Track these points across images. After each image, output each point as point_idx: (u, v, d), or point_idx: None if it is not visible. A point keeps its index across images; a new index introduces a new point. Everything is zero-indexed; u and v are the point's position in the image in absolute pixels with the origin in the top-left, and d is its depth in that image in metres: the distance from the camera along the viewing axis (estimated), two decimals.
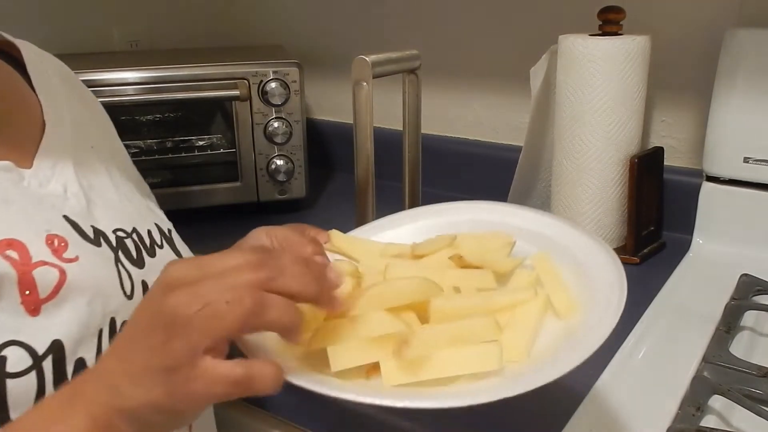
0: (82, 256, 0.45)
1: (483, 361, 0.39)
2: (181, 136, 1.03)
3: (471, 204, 0.61)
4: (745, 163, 0.83)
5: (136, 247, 0.52)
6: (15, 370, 0.38)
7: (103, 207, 0.51)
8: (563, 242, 0.52)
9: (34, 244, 0.42)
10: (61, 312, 0.41)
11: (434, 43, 1.12)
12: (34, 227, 0.44)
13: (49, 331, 0.40)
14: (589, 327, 0.42)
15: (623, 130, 0.85)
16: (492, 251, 0.52)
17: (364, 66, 0.59)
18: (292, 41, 1.28)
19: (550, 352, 0.42)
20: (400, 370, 0.39)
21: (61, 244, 0.44)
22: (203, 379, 0.34)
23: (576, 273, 0.48)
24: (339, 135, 1.25)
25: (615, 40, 0.82)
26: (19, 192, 0.45)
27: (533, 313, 0.45)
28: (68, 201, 0.48)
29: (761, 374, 0.58)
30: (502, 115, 1.11)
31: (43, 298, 0.41)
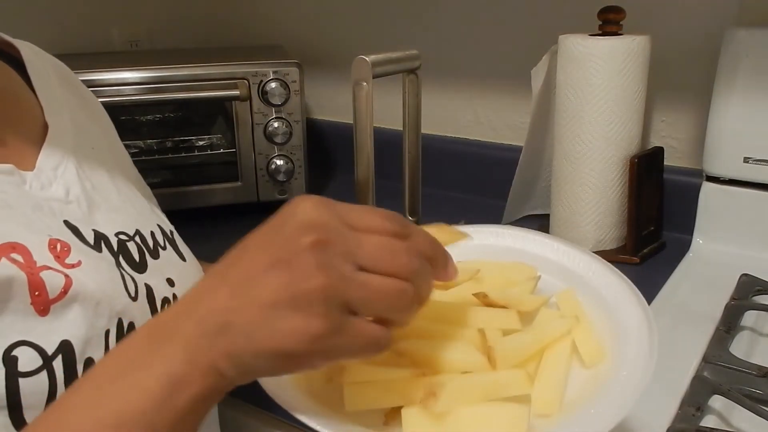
0: (85, 261, 0.44)
1: (510, 423, 0.37)
2: (181, 136, 1.03)
3: (491, 228, 0.57)
4: (745, 163, 0.83)
5: (138, 250, 0.51)
6: (26, 369, 0.38)
7: (106, 209, 0.51)
8: (586, 276, 0.50)
9: (37, 248, 0.42)
10: (69, 313, 0.41)
11: (434, 43, 1.12)
12: (37, 232, 0.43)
13: (58, 332, 0.40)
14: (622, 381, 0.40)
15: (623, 130, 0.85)
16: (516, 285, 0.50)
17: (364, 66, 0.59)
18: (292, 41, 1.28)
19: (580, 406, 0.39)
20: (423, 420, 0.37)
21: (64, 249, 0.44)
22: (350, 335, 0.33)
23: (600, 312, 0.46)
24: (339, 135, 1.25)
25: (615, 40, 0.82)
26: (21, 196, 0.45)
27: (562, 360, 0.43)
28: (69, 205, 0.48)
29: (761, 374, 0.58)
30: (502, 115, 1.11)
31: (53, 298, 0.41)
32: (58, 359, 0.39)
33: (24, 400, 0.37)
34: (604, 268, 0.50)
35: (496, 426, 0.37)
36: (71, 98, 0.58)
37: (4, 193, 0.44)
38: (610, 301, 0.47)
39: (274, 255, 0.35)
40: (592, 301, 0.48)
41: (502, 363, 0.40)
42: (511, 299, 0.46)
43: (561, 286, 0.50)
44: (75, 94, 0.60)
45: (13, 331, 0.38)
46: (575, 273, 0.51)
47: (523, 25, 1.04)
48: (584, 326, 0.45)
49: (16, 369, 0.37)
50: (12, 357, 0.37)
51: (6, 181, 0.45)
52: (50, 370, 0.39)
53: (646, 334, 0.42)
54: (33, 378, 0.38)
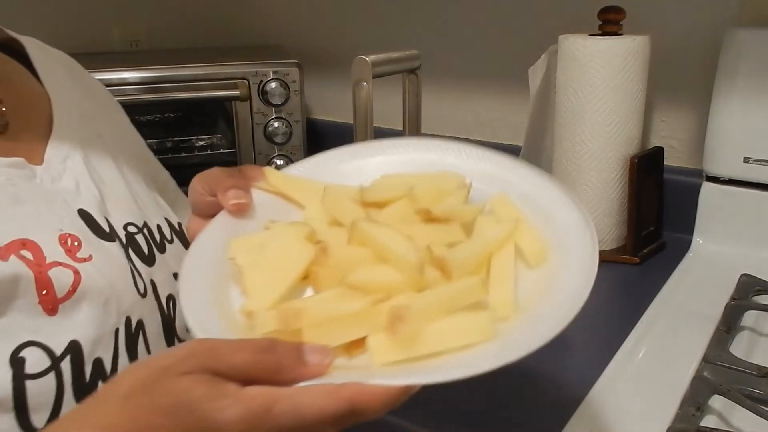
0: (96, 255, 0.44)
1: (478, 332, 0.37)
2: (181, 136, 1.03)
3: (408, 141, 0.54)
4: (745, 163, 0.83)
5: (147, 243, 0.51)
6: (34, 371, 0.37)
7: (114, 201, 0.50)
8: (513, 179, 0.50)
9: (47, 244, 0.42)
10: (78, 312, 0.41)
11: (434, 43, 1.12)
12: (48, 227, 0.43)
13: (67, 332, 0.40)
14: (571, 276, 0.41)
15: (623, 130, 0.85)
16: (448, 195, 0.48)
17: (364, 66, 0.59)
18: (292, 41, 1.28)
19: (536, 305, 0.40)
20: (392, 346, 0.36)
21: (74, 244, 0.43)
22: None
23: (534, 214, 0.46)
24: (339, 135, 1.25)
25: (615, 40, 0.82)
26: (32, 189, 0.45)
27: (509, 263, 0.42)
28: (81, 195, 0.47)
29: (761, 374, 0.58)
30: (502, 115, 1.11)
31: (61, 297, 0.40)
32: (67, 360, 0.39)
33: (30, 402, 0.37)
34: (530, 170, 0.50)
35: (466, 335, 0.37)
36: (77, 89, 0.58)
37: (15, 187, 0.43)
38: (541, 201, 0.47)
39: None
40: (524, 204, 0.47)
41: (456, 274, 0.40)
42: (451, 212, 0.45)
43: (491, 192, 0.49)
44: (81, 85, 0.60)
45: (22, 330, 0.38)
46: (502, 178, 0.50)
47: (523, 25, 1.04)
48: (524, 228, 0.45)
49: (24, 371, 0.37)
50: (20, 359, 0.37)
51: (17, 175, 0.44)
52: (58, 372, 0.38)
53: (584, 228, 0.43)
54: (40, 380, 0.38)
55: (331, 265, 0.40)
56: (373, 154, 0.53)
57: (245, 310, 0.39)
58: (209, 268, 0.42)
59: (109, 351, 0.42)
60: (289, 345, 0.33)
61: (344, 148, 0.53)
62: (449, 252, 0.41)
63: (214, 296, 0.40)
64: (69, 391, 0.39)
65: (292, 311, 0.36)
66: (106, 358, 0.41)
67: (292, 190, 0.48)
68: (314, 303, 0.38)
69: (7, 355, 0.37)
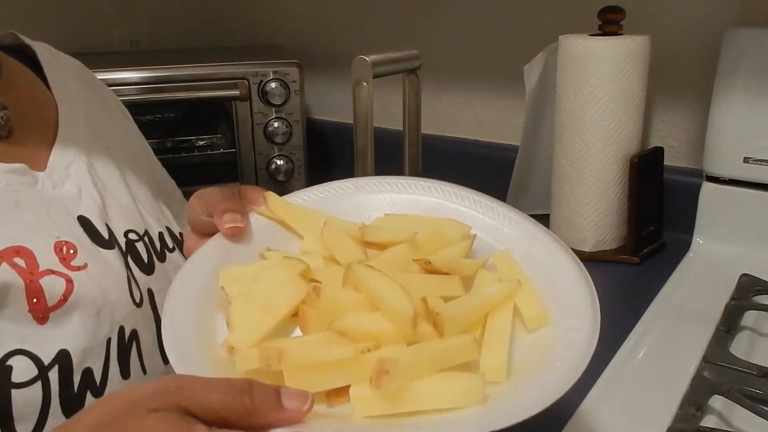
0: (91, 263, 0.43)
1: (466, 395, 0.36)
2: (181, 136, 1.03)
3: (417, 182, 0.53)
4: (745, 163, 0.83)
5: (147, 251, 0.51)
6: (20, 380, 0.37)
7: (116, 207, 0.50)
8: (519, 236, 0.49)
9: (42, 251, 0.41)
10: (69, 321, 0.40)
11: (434, 43, 1.12)
12: (44, 234, 0.43)
13: (56, 341, 0.39)
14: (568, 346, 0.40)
15: (623, 130, 0.85)
16: (451, 245, 0.47)
17: (364, 66, 0.59)
18: (292, 41, 1.28)
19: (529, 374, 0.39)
20: (375, 400, 0.34)
21: (70, 252, 0.43)
22: None
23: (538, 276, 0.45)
24: (339, 135, 1.25)
25: (615, 40, 0.82)
26: (33, 196, 0.44)
27: (506, 325, 0.41)
28: (82, 201, 0.47)
29: (761, 374, 0.58)
30: (502, 115, 1.11)
31: (51, 306, 0.40)
32: (54, 369, 0.38)
33: (16, 412, 0.36)
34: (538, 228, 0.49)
35: (453, 398, 0.35)
36: (87, 96, 0.58)
37: (16, 194, 0.43)
38: (545, 263, 0.46)
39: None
40: (527, 263, 0.47)
41: (449, 330, 0.39)
42: (451, 265, 0.44)
43: (493, 244, 0.49)
44: (91, 93, 0.60)
45: (9, 338, 0.37)
46: (508, 233, 0.50)
47: (523, 25, 1.04)
48: (525, 289, 0.44)
49: (10, 380, 0.37)
50: (6, 367, 0.37)
51: (18, 181, 0.44)
52: (45, 381, 0.38)
53: (587, 297, 0.43)
54: (27, 389, 0.37)
55: (321, 307, 0.39)
56: (378, 191, 0.52)
57: (228, 344, 0.37)
58: (198, 293, 0.41)
59: (100, 361, 0.41)
60: (267, 388, 0.31)
61: (349, 181, 0.53)
62: (445, 307, 0.40)
63: (199, 325, 0.39)
64: (56, 401, 0.38)
65: (275, 351, 0.35)
66: (96, 368, 0.41)
67: (292, 218, 0.47)
68: (299, 345, 0.37)
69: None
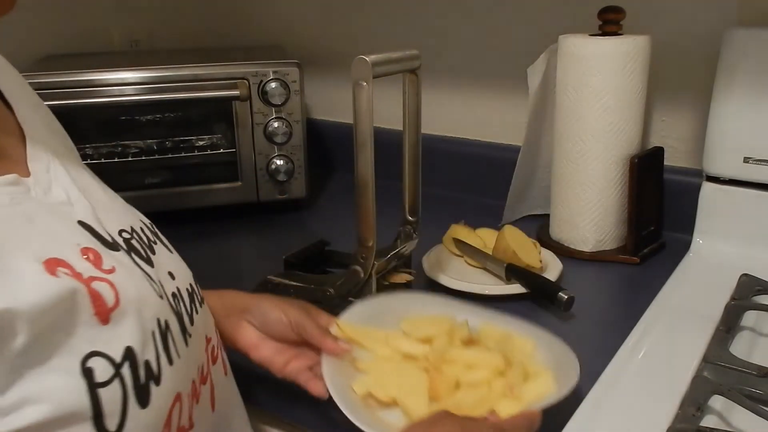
0: (117, 267, 0.44)
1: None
2: (181, 136, 1.03)
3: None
4: (745, 163, 0.83)
5: (141, 246, 0.50)
6: (102, 379, 0.38)
7: (102, 209, 0.49)
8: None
9: (73, 260, 0.41)
10: (125, 320, 0.41)
11: (434, 43, 1.12)
12: (66, 243, 0.42)
13: (120, 339, 0.41)
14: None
15: (623, 129, 0.85)
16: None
17: (364, 66, 0.59)
18: (292, 41, 1.28)
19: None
20: None
21: (97, 257, 0.43)
22: None
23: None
24: (339, 135, 1.25)
25: (615, 40, 0.82)
26: (34, 205, 0.43)
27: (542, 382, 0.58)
28: (74, 206, 0.46)
29: (761, 374, 0.58)
30: (502, 115, 1.11)
31: (110, 306, 0.41)
32: (126, 366, 0.40)
33: (105, 409, 0.38)
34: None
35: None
36: (29, 95, 0.55)
37: (21, 205, 0.42)
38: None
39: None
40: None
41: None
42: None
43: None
44: (28, 91, 0.57)
45: (83, 342, 0.39)
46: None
47: (523, 25, 1.04)
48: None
49: (94, 380, 0.38)
50: (88, 369, 0.38)
51: (17, 192, 0.43)
52: (121, 378, 0.39)
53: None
54: (108, 387, 0.39)
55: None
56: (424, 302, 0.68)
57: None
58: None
59: (153, 352, 0.43)
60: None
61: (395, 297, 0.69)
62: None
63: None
64: (131, 394, 0.40)
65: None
66: (151, 359, 0.42)
67: (359, 336, 0.62)
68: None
69: (77, 367, 0.38)
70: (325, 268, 0.86)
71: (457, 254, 0.89)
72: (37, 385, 0.35)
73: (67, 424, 0.36)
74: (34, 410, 0.35)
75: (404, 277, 0.71)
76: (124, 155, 1.00)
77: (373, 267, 0.65)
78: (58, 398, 0.36)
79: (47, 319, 0.37)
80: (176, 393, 0.44)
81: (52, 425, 0.36)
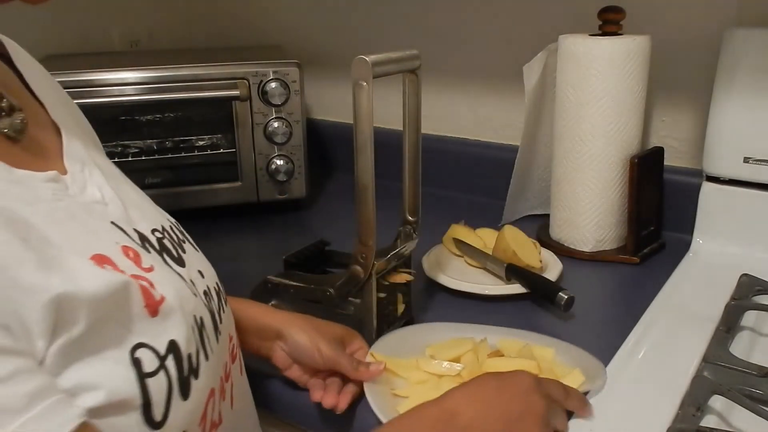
0: (155, 265, 0.45)
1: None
2: (181, 136, 1.03)
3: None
4: (745, 163, 0.83)
5: (172, 245, 0.51)
6: (149, 370, 0.40)
7: (134, 208, 0.49)
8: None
9: (117, 258, 0.42)
10: (171, 314, 0.43)
11: (434, 43, 1.12)
12: (108, 240, 0.43)
13: (166, 333, 0.42)
14: None
15: (623, 130, 0.85)
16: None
17: (364, 66, 0.59)
18: (292, 41, 1.28)
19: None
20: None
21: (137, 256, 0.44)
22: None
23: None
24: (339, 135, 1.25)
25: (615, 40, 0.82)
26: (74, 203, 0.43)
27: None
28: (108, 206, 0.46)
29: (761, 374, 0.58)
30: (502, 115, 1.11)
31: (158, 300, 0.42)
32: (170, 358, 0.41)
33: (152, 398, 0.40)
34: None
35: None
36: (56, 91, 0.56)
37: (61, 201, 0.42)
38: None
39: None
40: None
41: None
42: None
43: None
44: (56, 87, 0.57)
45: (132, 334, 0.40)
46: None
47: (523, 25, 1.04)
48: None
49: (142, 370, 0.39)
50: (136, 359, 0.39)
51: (58, 189, 0.43)
52: (166, 369, 0.41)
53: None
54: (155, 377, 0.40)
55: None
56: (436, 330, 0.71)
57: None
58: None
59: (193, 347, 0.44)
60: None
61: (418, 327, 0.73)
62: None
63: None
64: (175, 386, 0.41)
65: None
66: (192, 354, 0.44)
67: (391, 366, 0.64)
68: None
69: (127, 357, 0.39)
70: (325, 268, 0.86)
71: (457, 254, 0.89)
72: (91, 373, 0.37)
73: (120, 411, 0.38)
74: (90, 396, 0.36)
75: (404, 277, 0.71)
76: (124, 155, 1.00)
77: (373, 267, 0.65)
78: (112, 385, 0.37)
79: (103, 309, 0.38)
80: (210, 388, 0.45)
81: (106, 411, 0.37)
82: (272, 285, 0.74)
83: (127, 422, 0.38)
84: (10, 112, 0.45)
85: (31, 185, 0.41)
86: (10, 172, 0.40)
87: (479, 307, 0.77)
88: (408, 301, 0.73)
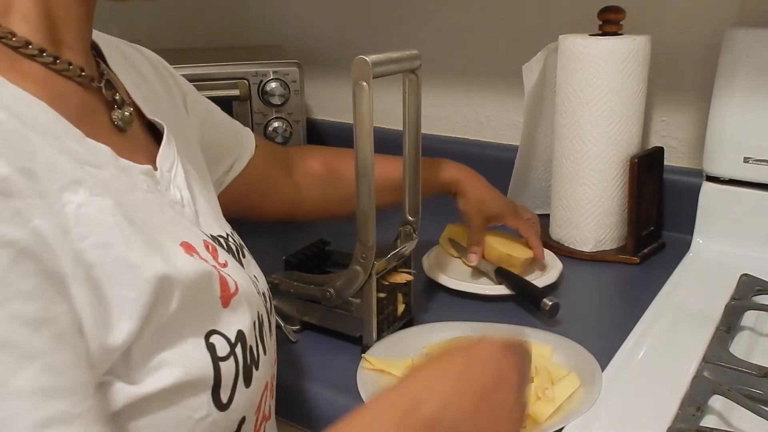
0: (228, 261, 0.48)
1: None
2: None
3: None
4: (745, 163, 0.83)
5: (235, 250, 0.53)
6: (221, 355, 0.42)
7: (204, 213, 0.52)
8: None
9: (200, 248, 0.45)
10: (240, 306, 0.45)
11: (434, 43, 1.12)
12: (193, 233, 0.46)
13: (236, 323, 0.44)
14: None
15: (623, 130, 0.85)
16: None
17: (364, 66, 0.59)
18: (292, 41, 1.28)
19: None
20: None
21: (215, 250, 0.47)
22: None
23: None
24: (339, 135, 1.25)
25: (615, 40, 0.82)
26: (163, 198, 0.46)
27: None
28: (185, 208, 0.49)
29: (761, 374, 0.58)
30: (502, 115, 1.11)
31: (232, 292, 0.45)
32: (238, 347, 0.44)
33: (223, 381, 0.42)
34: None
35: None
36: (161, 91, 0.59)
37: (153, 194, 0.45)
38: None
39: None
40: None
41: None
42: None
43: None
44: (164, 86, 0.61)
45: (206, 321, 0.42)
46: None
47: (523, 25, 1.04)
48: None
49: (216, 354, 0.42)
50: (211, 344, 0.42)
51: (150, 182, 0.45)
52: (235, 356, 0.43)
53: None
54: (226, 362, 0.42)
55: None
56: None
57: None
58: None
59: (255, 340, 0.46)
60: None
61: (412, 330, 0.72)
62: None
63: None
64: (241, 372, 0.44)
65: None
66: (253, 346, 0.46)
67: (387, 367, 0.64)
68: None
69: (203, 341, 0.42)
70: (325, 268, 0.85)
71: (454, 255, 0.89)
72: (173, 351, 0.39)
73: (194, 390, 0.40)
74: (170, 372, 0.39)
75: (404, 277, 0.71)
76: None
77: (373, 267, 0.65)
78: (190, 365, 0.40)
79: (191, 293, 0.40)
80: (265, 381, 0.48)
81: (183, 389, 0.39)
82: (272, 285, 0.74)
83: (199, 402, 0.40)
84: (122, 104, 0.48)
85: (132, 174, 0.44)
86: (117, 159, 0.43)
87: (479, 307, 0.77)
88: (408, 301, 0.73)
